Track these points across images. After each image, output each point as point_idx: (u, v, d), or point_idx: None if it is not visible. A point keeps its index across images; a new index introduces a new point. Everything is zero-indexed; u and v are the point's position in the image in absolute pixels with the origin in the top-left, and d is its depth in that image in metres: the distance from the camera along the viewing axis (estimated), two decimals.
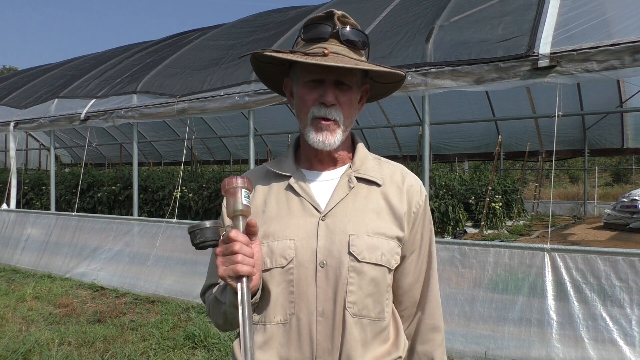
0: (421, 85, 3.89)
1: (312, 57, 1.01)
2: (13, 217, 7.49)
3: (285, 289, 1.05)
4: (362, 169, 1.14)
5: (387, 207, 1.12)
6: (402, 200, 1.13)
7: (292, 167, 1.15)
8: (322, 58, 1.01)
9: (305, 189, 1.11)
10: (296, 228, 1.07)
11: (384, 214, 1.11)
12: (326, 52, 1.02)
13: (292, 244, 1.05)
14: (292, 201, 1.10)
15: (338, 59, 1.02)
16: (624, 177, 20.67)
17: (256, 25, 7.11)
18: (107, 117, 6.30)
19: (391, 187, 1.14)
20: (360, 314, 1.06)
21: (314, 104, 1.07)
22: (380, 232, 1.08)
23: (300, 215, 1.08)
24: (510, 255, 3.50)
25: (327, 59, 1.01)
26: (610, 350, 3.09)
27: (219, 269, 0.91)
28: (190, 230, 0.95)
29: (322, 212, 1.08)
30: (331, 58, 1.02)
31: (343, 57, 1.05)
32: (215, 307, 1.09)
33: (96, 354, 3.69)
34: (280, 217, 1.09)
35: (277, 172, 1.15)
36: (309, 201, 1.09)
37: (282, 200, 1.11)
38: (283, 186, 1.13)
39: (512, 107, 9.59)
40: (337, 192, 1.10)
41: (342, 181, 1.12)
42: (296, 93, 1.12)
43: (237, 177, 0.95)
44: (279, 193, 1.13)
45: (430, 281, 1.20)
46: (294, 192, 1.11)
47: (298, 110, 1.12)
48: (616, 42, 3.16)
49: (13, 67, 39.76)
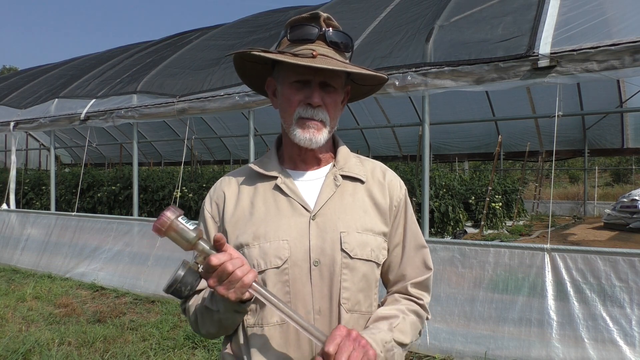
0: (421, 85, 3.89)
1: (301, 58, 1.02)
2: (13, 217, 7.49)
3: (280, 289, 1.05)
4: (346, 167, 1.16)
5: (372, 204, 1.14)
6: (384, 196, 1.16)
7: (278, 167, 1.15)
8: (311, 60, 1.02)
9: (293, 189, 1.12)
10: (288, 228, 1.07)
11: (370, 210, 1.13)
12: (315, 54, 1.03)
13: (286, 244, 1.06)
14: (280, 202, 1.11)
15: (326, 61, 1.03)
16: (624, 177, 20.67)
17: (256, 25, 7.11)
18: (107, 117, 6.30)
19: (374, 183, 1.17)
20: (354, 309, 1.08)
21: (299, 104, 1.08)
22: (368, 229, 1.11)
23: (290, 216, 1.08)
24: (510, 255, 3.50)
25: (316, 61, 1.02)
26: (610, 350, 3.09)
27: (229, 295, 0.92)
28: (170, 291, 0.92)
29: (311, 212, 1.09)
30: (320, 60, 1.03)
31: (330, 59, 1.06)
32: (206, 317, 1.06)
33: (96, 354, 3.69)
34: (269, 218, 1.09)
35: (263, 173, 1.14)
36: (297, 201, 1.10)
37: (269, 201, 1.11)
38: (270, 187, 1.13)
39: (512, 107, 9.59)
40: (324, 190, 1.12)
41: (328, 180, 1.13)
42: (281, 92, 1.12)
43: (164, 212, 0.91)
44: (265, 194, 1.13)
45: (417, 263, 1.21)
46: (281, 192, 1.11)
47: (283, 109, 1.12)
48: (616, 42, 3.15)
49: (13, 67, 39.76)
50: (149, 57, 7.73)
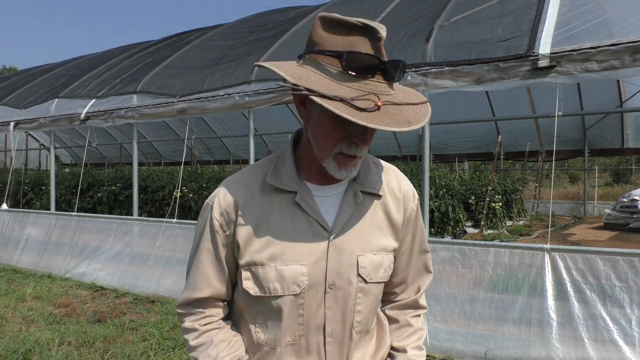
0: (421, 86, 3.89)
1: (369, 114, 0.87)
2: (13, 217, 7.49)
3: (295, 312, 1.04)
4: (367, 182, 1.09)
5: (386, 220, 1.11)
6: (399, 211, 1.13)
7: (296, 181, 1.05)
8: (379, 117, 0.87)
9: (313, 206, 1.04)
10: (306, 250, 1.02)
11: (384, 228, 1.11)
12: (379, 104, 0.88)
13: (304, 269, 1.02)
14: (299, 219, 1.04)
15: (392, 114, 0.89)
16: (624, 177, 20.66)
17: (256, 25, 7.11)
18: (107, 117, 6.30)
19: (390, 197, 1.12)
20: (364, 329, 1.10)
21: (342, 140, 0.96)
22: (382, 248, 1.09)
23: (309, 237, 1.03)
24: (510, 255, 3.50)
25: (383, 117, 0.87)
26: (610, 350, 3.09)
27: None
28: None
29: (330, 231, 1.04)
30: (385, 113, 0.89)
31: (392, 111, 0.90)
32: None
33: (96, 354, 3.69)
34: (287, 237, 1.03)
35: (280, 188, 1.05)
36: (317, 220, 1.03)
37: (287, 218, 1.04)
38: (287, 201, 1.04)
39: (512, 107, 9.60)
40: (344, 209, 1.05)
41: (348, 196, 1.06)
42: (317, 118, 0.98)
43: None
44: (282, 208, 1.05)
45: (423, 271, 1.23)
46: (300, 209, 1.04)
47: (318, 138, 0.99)
48: (616, 42, 3.15)
49: (13, 67, 39.75)
50: (149, 57, 7.73)
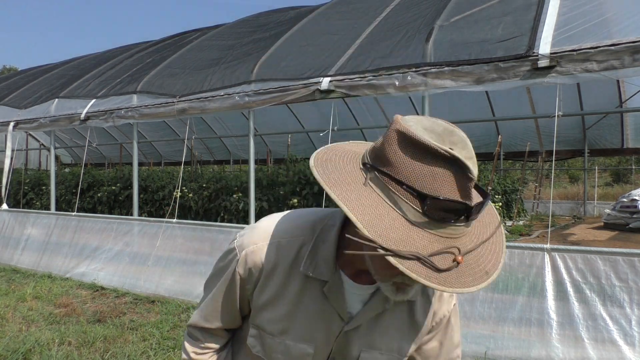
0: (421, 86, 3.89)
1: (447, 275, 0.74)
2: (13, 217, 7.49)
3: None
4: None
5: (409, 323, 1.04)
6: (427, 314, 1.05)
7: (331, 267, 0.98)
8: (457, 275, 0.75)
9: (339, 300, 1.00)
10: (318, 333, 1.03)
11: (405, 332, 1.05)
12: (460, 261, 0.74)
13: (311, 349, 1.03)
14: (319, 304, 1.01)
15: (469, 266, 0.77)
16: (624, 177, 20.67)
17: (256, 25, 7.11)
18: (107, 117, 6.31)
19: (421, 298, 1.04)
20: None
21: (397, 276, 0.84)
22: (393, 350, 1.04)
23: (325, 322, 1.02)
24: (510, 255, 3.50)
25: (460, 275, 0.75)
26: (610, 350, 3.09)
27: None
28: None
29: (346, 322, 1.01)
30: (462, 269, 0.76)
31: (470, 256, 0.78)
32: None
33: (96, 354, 3.69)
34: (303, 317, 1.02)
35: (313, 276, 1.00)
36: (338, 312, 1.01)
37: (308, 301, 1.02)
38: (314, 286, 1.01)
39: (512, 107, 9.59)
40: (370, 307, 1.00)
41: (379, 297, 1.00)
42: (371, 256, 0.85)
43: None
44: (307, 290, 1.02)
45: None
46: (326, 299, 1.01)
47: (375, 267, 0.87)
48: (616, 42, 3.16)
49: (13, 67, 39.75)
50: (149, 57, 7.74)
